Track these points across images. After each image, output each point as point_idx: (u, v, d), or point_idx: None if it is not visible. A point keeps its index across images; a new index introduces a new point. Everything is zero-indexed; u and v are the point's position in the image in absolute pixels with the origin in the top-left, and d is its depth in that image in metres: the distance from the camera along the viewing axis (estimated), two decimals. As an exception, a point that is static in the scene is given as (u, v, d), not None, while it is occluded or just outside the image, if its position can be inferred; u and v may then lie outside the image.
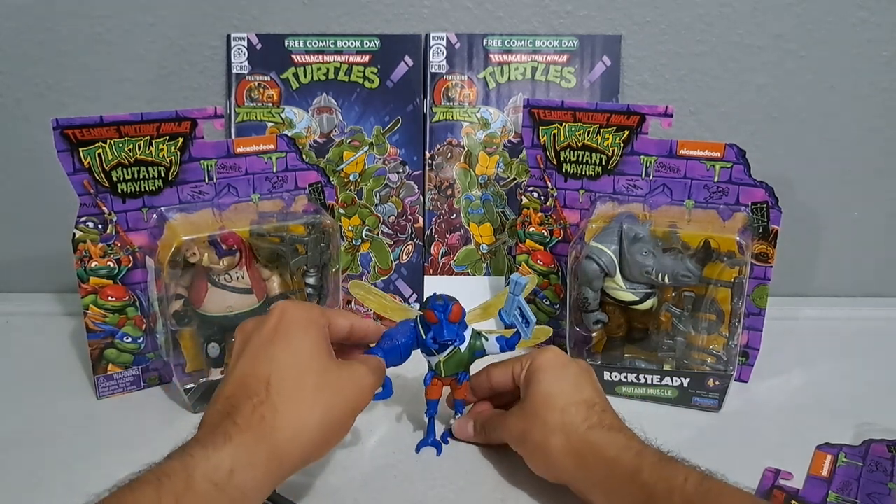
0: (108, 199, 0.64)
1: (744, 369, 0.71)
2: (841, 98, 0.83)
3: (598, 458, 0.50)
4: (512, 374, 0.59)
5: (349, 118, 0.82)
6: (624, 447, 0.50)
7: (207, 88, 0.83)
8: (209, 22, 0.82)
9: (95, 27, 0.81)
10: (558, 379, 0.55)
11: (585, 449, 0.51)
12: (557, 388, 0.55)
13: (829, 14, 0.81)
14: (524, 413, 0.55)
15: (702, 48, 0.82)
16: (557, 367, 0.56)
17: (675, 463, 0.49)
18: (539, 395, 0.55)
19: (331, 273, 0.70)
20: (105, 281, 0.66)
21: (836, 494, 0.55)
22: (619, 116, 0.68)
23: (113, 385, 0.68)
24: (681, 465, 0.49)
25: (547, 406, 0.54)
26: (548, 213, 0.74)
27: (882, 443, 0.61)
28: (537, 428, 0.54)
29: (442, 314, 0.56)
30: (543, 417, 0.53)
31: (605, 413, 0.54)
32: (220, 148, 0.67)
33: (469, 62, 0.82)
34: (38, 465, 0.59)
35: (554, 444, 0.52)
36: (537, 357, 0.57)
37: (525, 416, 0.55)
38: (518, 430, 0.56)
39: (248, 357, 0.49)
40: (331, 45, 0.81)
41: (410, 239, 0.83)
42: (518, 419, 0.56)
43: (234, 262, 0.65)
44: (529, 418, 0.55)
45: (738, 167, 0.66)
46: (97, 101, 0.83)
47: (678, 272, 0.64)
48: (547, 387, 0.55)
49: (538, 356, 0.57)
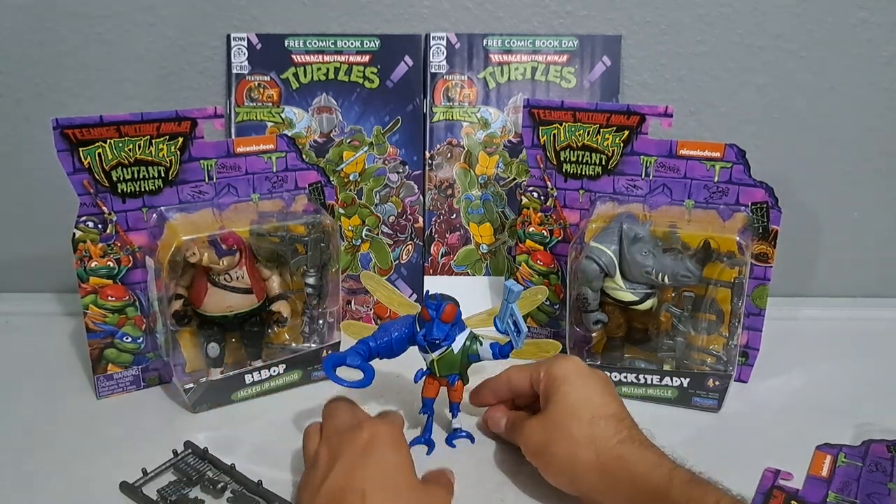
0: (108, 198, 0.64)
1: (743, 369, 0.71)
2: (841, 98, 0.83)
3: (627, 474, 0.49)
4: (530, 379, 0.57)
5: (349, 118, 0.82)
6: (655, 465, 0.49)
7: (207, 88, 0.83)
8: (209, 22, 0.82)
9: (95, 27, 0.81)
10: (583, 390, 0.54)
11: (614, 464, 0.50)
12: (583, 399, 0.53)
13: (829, 14, 0.81)
14: (545, 424, 0.54)
15: (702, 48, 0.82)
16: (581, 378, 0.54)
17: (707, 484, 0.47)
18: (564, 406, 0.53)
19: (330, 273, 0.70)
20: (105, 281, 0.66)
21: (835, 494, 0.55)
22: (618, 116, 0.68)
23: (113, 385, 0.68)
24: (712, 486, 0.47)
25: (573, 417, 0.52)
26: (548, 213, 0.74)
27: (882, 443, 0.61)
28: (563, 440, 0.52)
29: (434, 312, 0.56)
30: (569, 429, 0.52)
31: (634, 429, 0.52)
32: (220, 148, 0.67)
33: (469, 62, 0.82)
34: (38, 465, 0.59)
35: (581, 458, 0.51)
36: (557, 366, 0.56)
37: (546, 426, 0.53)
38: (538, 441, 0.54)
39: (341, 469, 0.48)
40: (331, 45, 0.81)
41: (410, 239, 0.83)
42: (538, 429, 0.54)
43: (233, 262, 0.65)
44: (552, 429, 0.53)
45: (738, 167, 0.66)
46: (97, 101, 0.83)
47: (678, 272, 0.64)
48: (572, 398, 0.53)
49: (558, 365, 0.56)
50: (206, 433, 0.62)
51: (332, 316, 0.71)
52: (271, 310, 0.69)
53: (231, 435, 0.62)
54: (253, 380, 0.67)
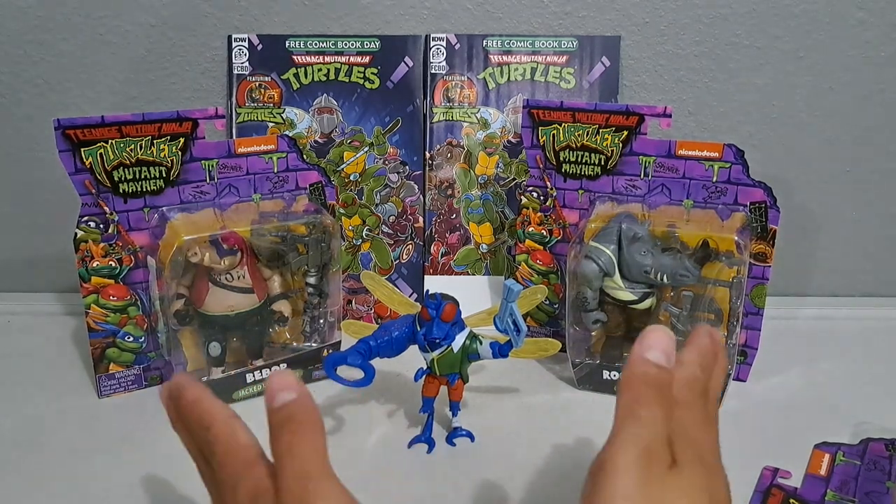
0: (110, 198, 0.65)
1: (742, 368, 0.71)
2: (840, 98, 0.83)
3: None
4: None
5: (350, 118, 0.82)
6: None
7: (208, 89, 0.84)
8: (210, 23, 0.82)
9: (97, 28, 0.81)
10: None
11: None
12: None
13: (827, 15, 0.81)
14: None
15: (700, 49, 0.83)
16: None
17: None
18: None
19: (331, 273, 0.70)
20: (107, 280, 0.66)
21: (834, 493, 0.56)
22: (618, 117, 0.69)
23: (114, 384, 0.69)
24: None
25: None
26: (547, 213, 0.74)
27: (880, 442, 0.61)
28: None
29: (434, 312, 0.56)
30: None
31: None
32: (221, 148, 0.68)
33: (469, 63, 0.83)
34: (38, 464, 0.59)
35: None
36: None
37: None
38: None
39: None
40: (331, 46, 0.81)
41: (410, 239, 0.83)
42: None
43: (235, 262, 0.66)
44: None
45: (737, 167, 0.66)
46: (98, 102, 0.83)
47: (677, 272, 0.64)
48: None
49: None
50: (207, 432, 0.63)
51: (333, 315, 0.72)
52: (272, 309, 0.69)
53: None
54: (254, 379, 0.68)
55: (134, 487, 0.57)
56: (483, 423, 0.63)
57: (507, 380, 0.70)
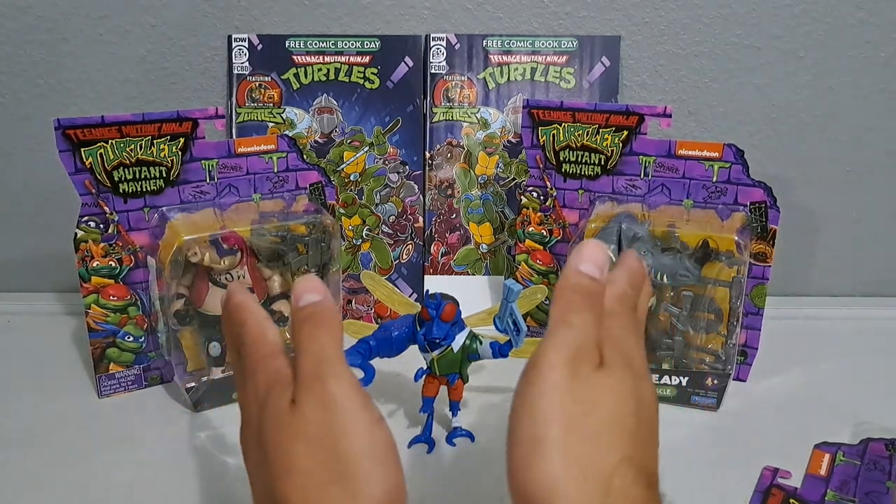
0: (110, 198, 0.65)
1: (742, 368, 0.71)
2: (839, 98, 0.83)
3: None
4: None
5: (349, 118, 0.82)
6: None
7: (208, 89, 0.84)
8: (210, 23, 0.82)
9: (97, 28, 0.81)
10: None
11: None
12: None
13: (827, 15, 0.81)
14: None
15: (700, 49, 0.83)
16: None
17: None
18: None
19: (331, 273, 0.70)
20: (107, 280, 0.66)
21: (834, 493, 0.56)
22: (618, 117, 0.69)
23: (114, 384, 0.69)
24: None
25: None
26: (547, 212, 0.74)
27: (880, 442, 0.61)
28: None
29: (434, 312, 0.56)
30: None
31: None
32: (221, 148, 0.68)
33: (469, 63, 0.83)
34: (38, 464, 0.59)
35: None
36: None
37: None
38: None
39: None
40: (331, 46, 0.81)
41: (410, 239, 0.83)
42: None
43: (235, 262, 0.66)
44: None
45: (737, 167, 0.66)
46: (98, 102, 0.83)
47: (677, 271, 0.64)
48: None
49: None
50: (207, 432, 0.63)
51: (333, 315, 0.71)
52: (272, 309, 0.69)
53: (232, 434, 0.62)
54: (254, 379, 0.68)
55: (134, 487, 0.57)
56: (483, 423, 0.63)
57: (507, 380, 0.70)
